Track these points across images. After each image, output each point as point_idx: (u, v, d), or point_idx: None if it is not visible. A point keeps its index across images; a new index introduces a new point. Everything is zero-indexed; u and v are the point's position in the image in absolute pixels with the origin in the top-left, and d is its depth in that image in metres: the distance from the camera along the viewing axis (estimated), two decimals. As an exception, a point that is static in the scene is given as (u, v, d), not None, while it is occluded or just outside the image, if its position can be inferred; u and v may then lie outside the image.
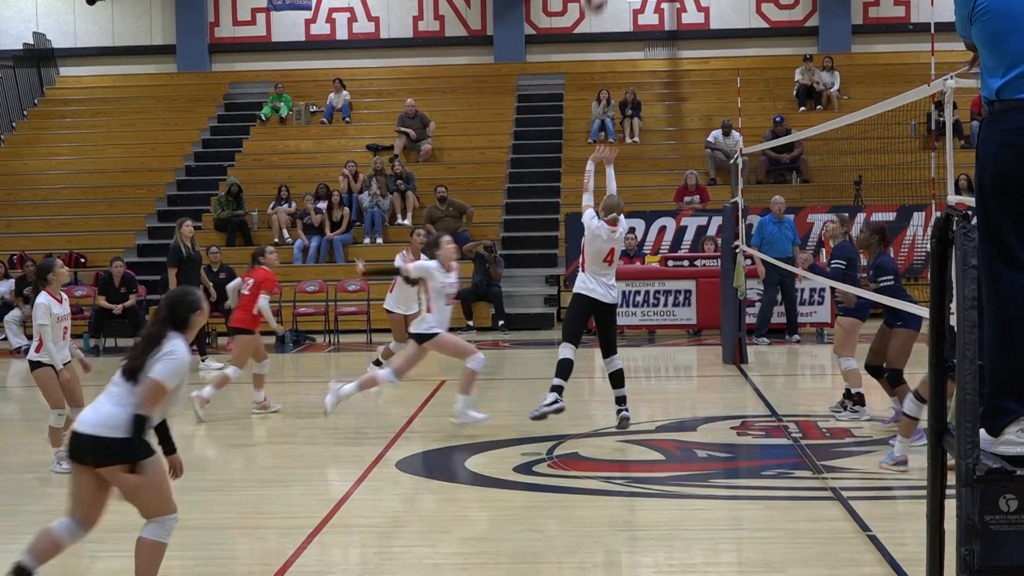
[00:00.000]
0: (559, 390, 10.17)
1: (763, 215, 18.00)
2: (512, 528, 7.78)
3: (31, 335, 11.19)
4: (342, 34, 27.83)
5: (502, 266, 20.51)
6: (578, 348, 10.43)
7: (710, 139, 23.22)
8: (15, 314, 19.00)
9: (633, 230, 19.08)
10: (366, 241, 21.86)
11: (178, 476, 6.07)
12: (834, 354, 11.25)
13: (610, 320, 10.35)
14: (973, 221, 4.47)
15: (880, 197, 17.97)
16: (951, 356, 4.57)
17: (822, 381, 14.98)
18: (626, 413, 10.27)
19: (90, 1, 27.05)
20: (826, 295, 17.95)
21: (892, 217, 18.47)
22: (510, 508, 8.46)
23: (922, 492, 5.05)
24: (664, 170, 23.38)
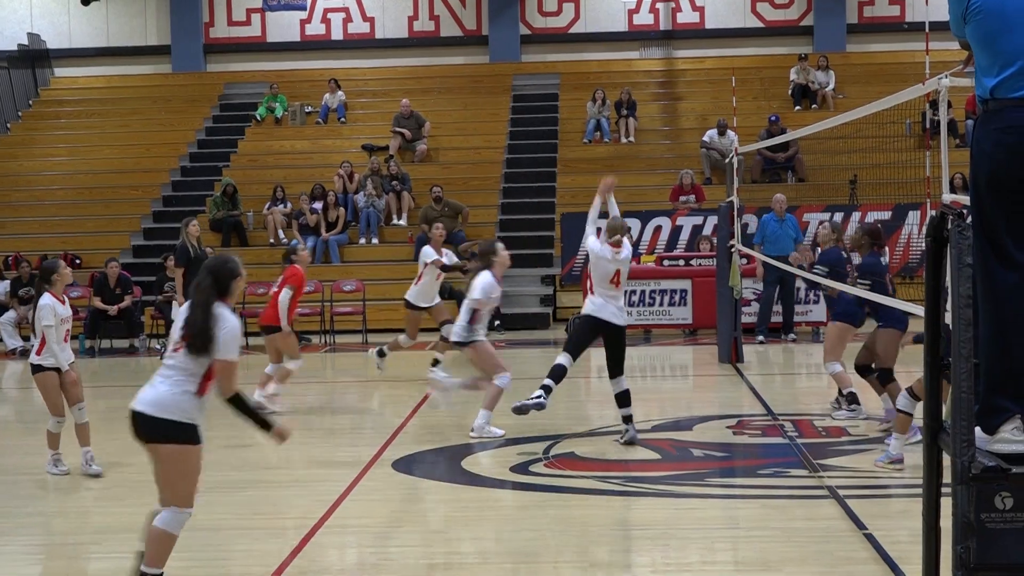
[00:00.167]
0: (547, 390, 10.18)
1: (762, 214, 18.01)
2: (508, 528, 7.79)
3: (26, 336, 11.14)
4: (337, 34, 27.81)
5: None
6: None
7: (705, 138, 23.22)
8: (10, 315, 18.95)
9: (629, 229, 19.01)
10: (361, 241, 21.87)
11: (285, 439, 6.21)
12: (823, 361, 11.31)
13: (619, 342, 10.37)
14: (968, 220, 4.49)
15: (875, 196, 18.00)
16: (947, 354, 4.58)
17: (818, 380, 14.97)
18: (634, 433, 10.28)
19: (85, 2, 26.99)
20: (821, 295, 17.95)
21: (887, 216, 18.54)
22: (506, 508, 8.48)
23: (918, 490, 5.06)
24: (660, 170, 23.39)
